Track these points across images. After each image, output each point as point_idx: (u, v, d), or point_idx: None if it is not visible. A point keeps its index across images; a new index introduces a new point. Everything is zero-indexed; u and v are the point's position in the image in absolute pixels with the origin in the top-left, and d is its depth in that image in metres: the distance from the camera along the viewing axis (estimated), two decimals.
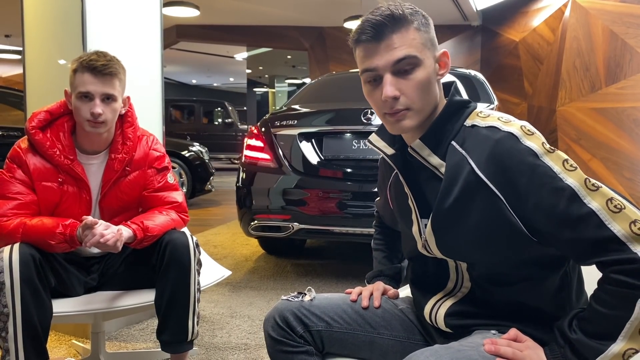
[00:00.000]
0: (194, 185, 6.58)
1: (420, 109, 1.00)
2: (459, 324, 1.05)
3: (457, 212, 0.98)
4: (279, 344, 1.14)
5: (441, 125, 1.02)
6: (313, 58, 10.09)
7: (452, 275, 1.08)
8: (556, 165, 0.90)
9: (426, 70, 0.98)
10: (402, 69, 0.97)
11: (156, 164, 1.82)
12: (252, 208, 3.22)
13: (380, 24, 0.97)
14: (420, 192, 1.06)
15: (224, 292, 3.08)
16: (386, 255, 1.38)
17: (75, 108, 1.63)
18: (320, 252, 4.25)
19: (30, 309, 1.49)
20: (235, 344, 2.31)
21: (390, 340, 1.16)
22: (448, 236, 1.01)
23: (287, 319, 1.14)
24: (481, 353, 0.90)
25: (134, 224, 1.64)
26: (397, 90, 0.97)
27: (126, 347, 2.29)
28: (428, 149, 1.02)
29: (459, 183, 0.97)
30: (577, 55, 5.95)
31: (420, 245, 1.08)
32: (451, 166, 0.98)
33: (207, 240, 4.53)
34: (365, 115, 3.01)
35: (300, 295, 1.19)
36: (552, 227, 0.89)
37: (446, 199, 0.98)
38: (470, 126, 1.00)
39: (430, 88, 1.00)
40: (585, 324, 0.89)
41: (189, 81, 21.84)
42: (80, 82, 1.61)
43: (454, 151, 0.99)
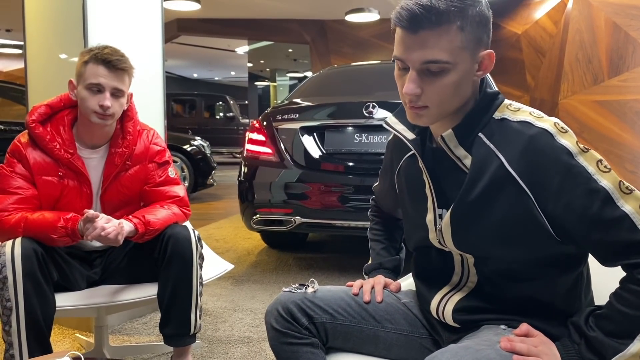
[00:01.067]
0: (196, 180, 6.58)
1: (440, 110, 0.96)
2: (467, 319, 1.04)
3: (480, 206, 0.96)
4: (284, 336, 1.11)
5: (475, 118, 0.98)
6: (315, 51, 10.06)
7: (457, 269, 1.07)
8: (590, 166, 0.88)
9: (457, 74, 0.93)
10: (430, 70, 0.92)
11: (157, 158, 1.82)
12: (254, 202, 3.22)
13: (416, 17, 0.89)
14: (438, 181, 1.04)
15: (227, 285, 3.09)
16: (384, 246, 1.36)
17: (82, 99, 1.63)
18: (323, 246, 4.25)
19: (33, 303, 1.50)
20: (238, 337, 2.32)
21: (394, 335, 1.15)
22: (467, 230, 0.99)
23: (291, 310, 1.12)
24: (498, 351, 0.90)
25: (136, 218, 1.64)
26: (419, 88, 0.94)
27: (129, 340, 2.30)
28: (456, 140, 0.99)
29: (486, 177, 0.94)
30: (580, 48, 5.92)
31: (432, 235, 1.06)
32: (478, 159, 0.96)
33: (209, 234, 4.54)
34: (367, 108, 3.00)
35: (302, 287, 1.17)
36: (582, 228, 0.88)
37: (470, 191, 0.96)
38: (500, 119, 0.97)
39: (458, 90, 0.95)
40: (604, 322, 0.88)
41: (190, 75, 21.82)
42: (93, 74, 1.61)
43: (482, 144, 0.96)
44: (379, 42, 8.99)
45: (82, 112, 1.67)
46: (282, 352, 1.13)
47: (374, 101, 3.02)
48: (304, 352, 1.11)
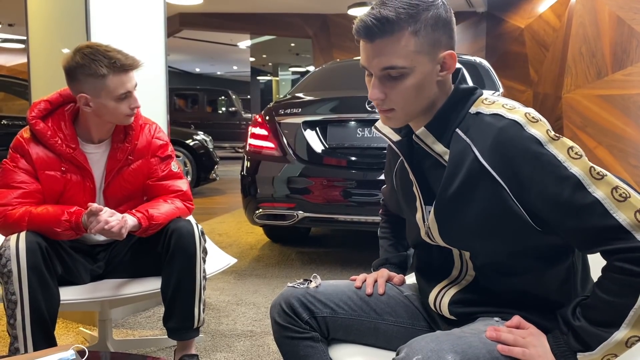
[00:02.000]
0: (199, 174, 6.59)
1: (406, 111, 1.00)
2: (463, 312, 1.06)
3: (460, 200, 0.97)
4: (285, 330, 1.15)
5: (446, 114, 1.01)
6: (317, 46, 10.04)
7: (457, 263, 1.08)
8: (561, 154, 0.89)
9: (417, 77, 0.96)
10: (390, 75, 0.96)
11: (159, 152, 1.83)
12: (257, 196, 3.23)
13: (370, 28, 0.94)
14: (424, 179, 1.06)
15: (230, 279, 3.10)
16: (392, 243, 1.38)
17: (112, 109, 1.63)
18: (325, 240, 4.26)
19: (37, 297, 1.50)
20: (240, 331, 2.33)
21: (394, 327, 1.17)
22: (450, 224, 1.01)
23: (293, 305, 1.15)
24: (482, 339, 0.91)
25: (139, 213, 1.65)
26: (382, 93, 0.98)
27: (133, 334, 2.31)
28: (432, 137, 1.01)
29: (463, 171, 0.96)
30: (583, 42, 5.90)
31: (423, 232, 1.09)
32: (455, 154, 0.98)
33: (212, 229, 4.55)
34: (369, 103, 3.00)
35: (306, 282, 1.20)
36: (556, 216, 0.89)
37: (449, 186, 0.98)
38: (475, 113, 0.99)
39: (421, 91, 0.98)
40: (589, 312, 0.89)
41: (192, 70, 21.80)
42: (119, 84, 1.60)
43: (458, 139, 0.98)
44: None
45: (109, 119, 1.67)
46: (284, 345, 1.16)
47: None
48: (304, 345, 1.15)
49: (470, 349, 0.87)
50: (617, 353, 0.88)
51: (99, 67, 1.57)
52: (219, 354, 2.09)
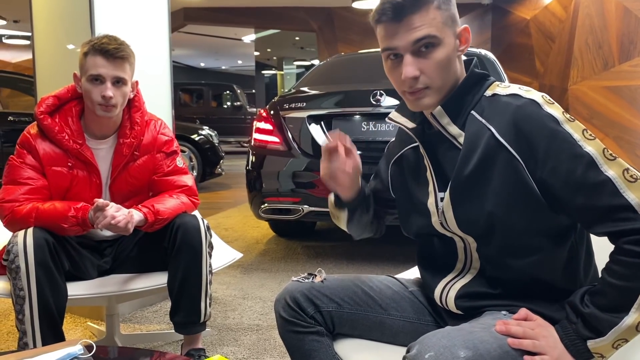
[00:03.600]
0: (204, 169, 6.61)
1: (440, 87, 1.01)
2: (469, 306, 1.05)
3: (476, 180, 0.98)
4: (290, 325, 1.15)
5: (462, 95, 1.03)
6: (321, 39, 10.02)
7: (461, 256, 1.08)
8: (576, 133, 0.91)
9: (446, 49, 0.99)
10: (422, 49, 0.98)
11: (165, 148, 1.83)
12: (262, 191, 3.23)
13: (400, 5, 0.97)
14: (438, 165, 1.06)
15: (236, 274, 3.11)
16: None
17: (86, 91, 1.64)
18: (331, 234, 4.26)
19: (45, 292, 1.52)
20: (247, 325, 2.34)
21: (400, 322, 1.17)
22: (466, 206, 1.00)
23: (298, 299, 1.15)
24: (492, 334, 0.91)
25: (145, 208, 1.65)
26: (417, 70, 0.98)
27: (140, 328, 2.32)
28: (448, 118, 1.02)
29: (479, 150, 0.97)
30: (590, 33, 5.85)
31: (435, 219, 1.07)
32: (470, 134, 0.99)
33: (218, 224, 4.56)
34: (374, 96, 2.99)
35: (310, 277, 1.20)
36: (567, 192, 0.90)
37: (465, 166, 0.99)
38: (491, 96, 1.01)
39: (450, 65, 1.00)
40: (598, 298, 0.89)
41: (197, 64, 21.80)
42: (92, 65, 1.61)
43: (474, 120, 1.00)
44: None
45: (88, 105, 1.68)
46: (289, 339, 1.17)
47: (382, 89, 3.00)
48: (309, 340, 1.15)
49: (482, 344, 0.86)
50: (627, 338, 0.88)
51: (85, 45, 1.63)
52: (226, 347, 2.10)
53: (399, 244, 3.74)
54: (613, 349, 0.89)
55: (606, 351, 0.89)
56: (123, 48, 1.63)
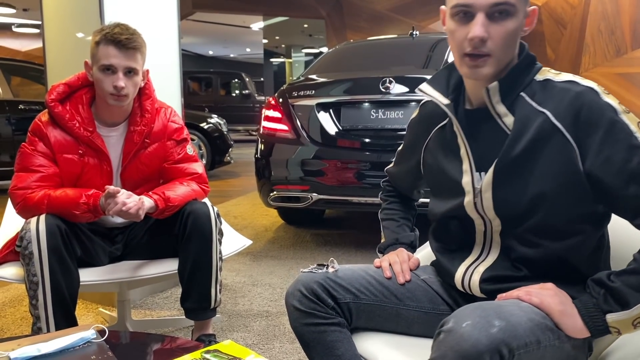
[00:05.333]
0: (213, 157, 6.63)
1: (500, 59, 0.99)
2: (495, 289, 1.04)
3: (524, 161, 0.98)
4: (309, 317, 1.10)
5: (516, 75, 1.02)
6: (330, 26, 9.96)
7: (478, 239, 1.08)
8: (632, 125, 0.92)
9: (517, 22, 0.98)
10: (496, 14, 0.96)
11: (175, 135, 1.84)
12: (271, 179, 3.24)
13: None
14: (476, 143, 1.05)
15: (245, 261, 3.14)
16: (399, 224, 1.35)
17: (98, 80, 1.65)
18: (339, 222, 4.27)
19: (58, 278, 1.54)
20: (257, 311, 2.36)
21: (415, 312, 1.15)
22: (508, 188, 1.00)
23: (315, 290, 1.10)
24: (521, 308, 0.90)
25: (155, 195, 1.67)
26: (486, 32, 0.96)
27: (151, 314, 2.35)
28: (499, 96, 1.01)
29: (530, 132, 0.97)
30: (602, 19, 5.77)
31: (469, 199, 1.05)
32: (522, 116, 0.99)
33: (227, 211, 4.59)
34: (383, 84, 2.98)
35: (322, 267, 1.16)
36: (619, 181, 0.91)
37: (514, 147, 0.98)
38: (543, 80, 1.01)
39: (515, 40, 1.00)
40: (627, 276, 0.90)
41: (205, 52, 21.76)
42: (104, 55, 1.61)
43: (524, 102, 1.00)
44: (396, 15, 8.85)
45: (99, 93, 1.68)
46: (308, 333, 1.11)
47: (391, 76, 2.99)
48: (332, 331, 1.10)
49: (512, 316, 0.86)
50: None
51: (97, 34, 1.63)
52: (236, 333, 2.12)
53: None
54: (632, 326, 0.90)
55: (625, 327, 0.90)
56: (135, 38, 1.63)
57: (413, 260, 1.24)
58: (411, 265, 1.22)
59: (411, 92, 2.97)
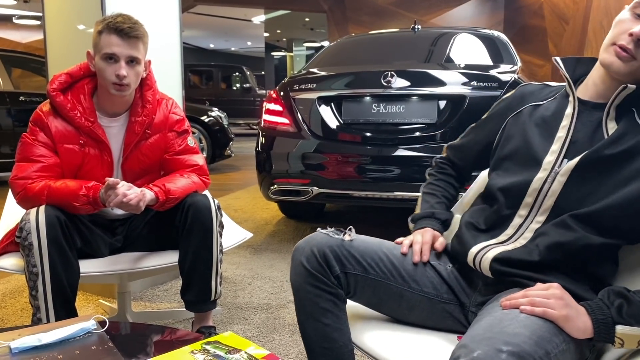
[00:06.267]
0: (214, 151, 6.62)
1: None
2: (503, 271, 1.05)
3: (611, 165, 1.00)
4: (312, 278, 1.12)
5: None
6: (332, 20, 9.93)
7: (510, 231, 1.09)
8: None
9: None
10: None
11: (176, 127, 1.84)
12: (272, 172, 3.24)
13: None
14: (574, 133, 1.07)
15: (245, 254, 3.14)
16: (439, 201, 1.34)
17: (100, 70, 1.64)
18: (340, 216, 4.28)
19: (58, 269, 1.54)
20: (257, 304, 2.36)
21: (418, 296, 1.16)
22: (585, 182, 1.02)
23: (327, 255, 1.12)
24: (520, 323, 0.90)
25: (156, 187, 1.67)
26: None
27: (151, 306, 2.36)
28: (622, 100, 1.04)
29: (627, 142, 1.00)
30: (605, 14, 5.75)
31: (541, 175, 1.07)
32: (626, 125, 1.02)
33: (228, 205, 4.59)
34: (385, 78, 2.97)
35: (340, 233, 1.16)
36: None
37: (608, 148, 1.01)
38: None
39: None
40: None
41: (206, 46, 21.72)
42: (106, 44, 1.61)
43: (632, 117, 1.03)
44: (398, 10, 8.82)
45: (101, 83, 1.68)
46: (303, 291, 1.13)
47: (393, 70, 2.98)
48: (327, 299, 1.12)
49: (517, 337, 0.86)
50: None
51: (99, 24, 1.63)
52: (236, 326, 2.13)
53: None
54: (637, 343, 0.90)
55: (630, 341, 0.91)
56: (137, 27, 1.64)
57: (439, 243, 1.23)
58: (437, 247, 1.22)
59: (412, 86, 2.97)
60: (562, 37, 6.76)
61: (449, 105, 2.91)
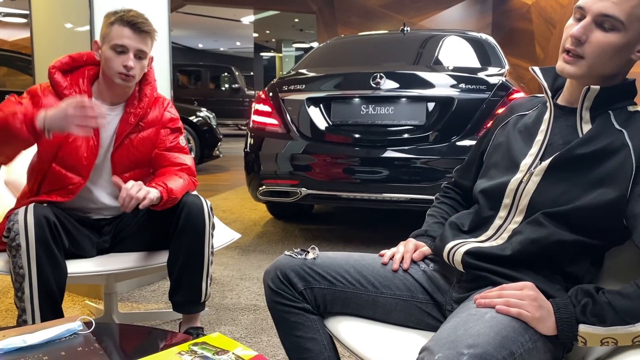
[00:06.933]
0: (202, 151, 6.60)
1: (592, 65, 1.03)
2: (475, 264, 1.07)
3: (583, 165, 1.02)
4: (277, 296, 1.18)
5: (616, 94, 1.07)
6: (321, 21, 9.94)
7: (490, 232, 1.12)
8: None
9: (621, 39, 1.00)
10: (605, 25, 1.00)
11: (170, 124, 1.86)
12: (260, 173, 3.23)
13: None
14: (552, 137, 1.10)
15: (234, 255, 3.13)
16: (437, 221, 1.35)
17: (107, 59, 1.66)
18: (328, 217, 4.28)
19: (45, 270, 1.53)
20: (244, 305, 2.36)
21: (393, 300, 1.18)
22: (558, 182, 1.04)
23: (288, 274, 1.18)
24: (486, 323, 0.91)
25: (160, 186, 1.65)
26: (585, 35, 1.01)
27: (138, 307, 2.34)
28: (591, 102, 1.06)
29: (601, 142, 1.02)
30: None
31: (518, 176, 1.10)
32: (600, 127, 1.04)
33: (216, 205, 4.57)
34: (374, 79, 2.98)
35: (303, 253, 1.22)
36: None
37: (580, 148, 1.03)
38: (633, 111, 1.06)
39: (613, 56, 1.02)
40: (617, 297, 0.92)
41: (195, 45, 21.63)
42: (118, 35, 1.64)
43: (607, 119, 1.05)
44: (387, 12, 8.85)
45: (106, 73, 1.69)
46: (275, 310, 1.20)
47: (382, 72, 2.99)
48: (295, 313, 1.18)
49: (480, 337, 0.88)
50: (618, 341, 0.91)
51: (111, 16, 1.67)
52: (223, 327, 2.12)
53: (397, 228, 3.76)
54: (600, 342, 0.92)
55: (593, 341, 0.92)
56: (149, 23, 1.68)
57: (419, 252, 1.25)
58: (416, 256, 1.24)
59: (401, 88, 2.98)
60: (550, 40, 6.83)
61: (437, 107, 2.93)
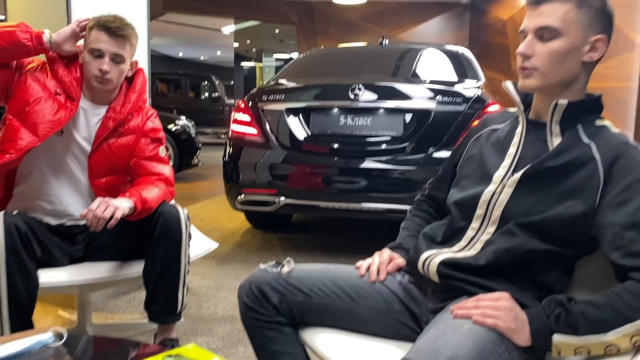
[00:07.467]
0: (181, 159, 6.54)
1: (546, 74, 1.08)
2: (449, 274, 1.09)
3: (553, 177, 1.05)
4: (251, 312, 1.19)
5: (585, 108, 1.11)
6: (301, 32, 9.98)
7: (463, 242, 1.13)
8: None
9: (565, 43, 1.06)
10: (544, 36, 1.07)
11: (151, 134, 1.85)
12: (239, 182, 3.22)
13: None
14: (524, 150, 1.13)
15: (211, 264, 3.11)
16: (410, 234, 1.36)
17: (86, 63, 1.70)
18: (307, 227, 4.28)
19: (15, 281, 1.49)
20: (221, 315, 2.34)
21: (369, 311, 1.18)
22: (529, 193, 1.07)
23: (263, 289, 1.18)
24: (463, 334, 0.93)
25: (133, 196, 1.63)
26: (530, 50, 1.08)
27: (113, 318, 2.30)
28: (560, 116, 1.09)
29: (570, 155, 1.06)
30: None
31: (491, 188, 1.12)
32: (569, 140, 1.08)
33: (194, 214, 4.51)
34: (353, 90, 3.00)
35: (278, 266, 1.21)
36: (623, 222, 0.98)
37: (550, 160, 1.06)
38: (600, 126, 1.10)
39: (563, 60, 1.07)
40: (589, 307, 0.94)
41: (175, 54, 21.51)
42: (94, 40, 1.67)
43: (576, 133, 1.09)
44: (367, 24, 8.93)
45: (85, 75, 1.73)
46: (250, 325, 1.21)
47: (360, 83, 3.02)
48: (270, 327, 1.18)
49: (460, 348, 0.89)
50: (591, 350, 0.93)
51: (92, 21, 1.71)
52: (200, 337, 2.10)
53: (375, 237, 3.77)
54: (574, 352, 0.94)
55: (567, 350, 0.94)
56: (126, 28, 1.70)
57: (393, 264, 1.25)
58: (390, 268, 1.25)
59: (380, 100, 3.01)
60: None
61: (414, 119, 2.96)
